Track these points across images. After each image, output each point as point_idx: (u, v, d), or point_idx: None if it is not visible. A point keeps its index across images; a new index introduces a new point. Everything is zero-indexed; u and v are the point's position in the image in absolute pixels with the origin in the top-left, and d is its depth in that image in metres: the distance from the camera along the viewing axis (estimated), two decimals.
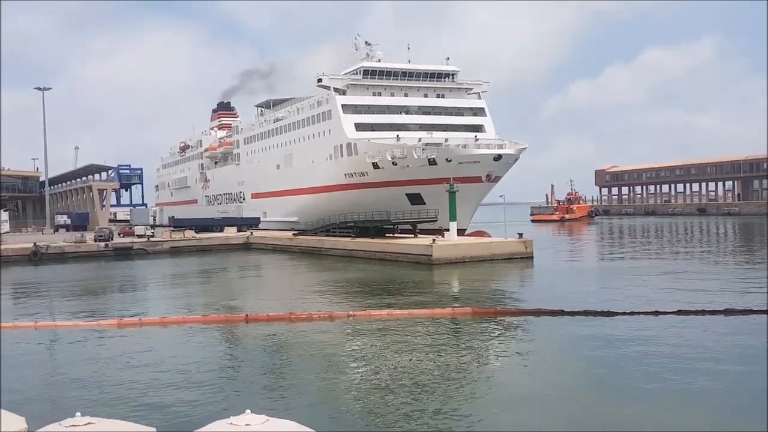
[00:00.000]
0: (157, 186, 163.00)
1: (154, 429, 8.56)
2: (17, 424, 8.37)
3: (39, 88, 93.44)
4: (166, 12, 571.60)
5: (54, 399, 17.34)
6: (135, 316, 29.71)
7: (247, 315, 28.48)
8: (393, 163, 67.37)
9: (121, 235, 79.23)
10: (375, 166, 69.59)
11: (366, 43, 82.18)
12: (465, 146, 66.10)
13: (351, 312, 28.71)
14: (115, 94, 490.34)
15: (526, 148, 68.53)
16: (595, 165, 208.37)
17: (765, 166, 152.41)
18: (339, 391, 17.68)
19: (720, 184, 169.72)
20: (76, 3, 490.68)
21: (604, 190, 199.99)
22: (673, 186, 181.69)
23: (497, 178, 66.46)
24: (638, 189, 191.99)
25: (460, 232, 62.43)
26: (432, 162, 64.68)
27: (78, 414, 8.11)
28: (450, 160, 63.78)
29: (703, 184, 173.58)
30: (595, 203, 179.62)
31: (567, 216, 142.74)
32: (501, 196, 67.19)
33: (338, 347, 23.23)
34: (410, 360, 20.50)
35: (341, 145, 74.60)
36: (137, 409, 15.83)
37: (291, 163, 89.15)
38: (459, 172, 62.75)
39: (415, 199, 67.10)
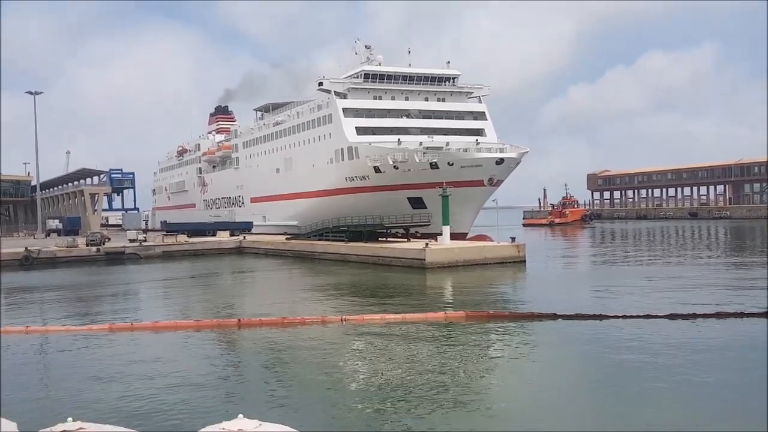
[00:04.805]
0: (154, 190, 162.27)
1: None
2: (8, 429, 8.33)
3: (31, 92, 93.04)
4: (164, 17, 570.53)
5: (45, 404, 17.23)
6: (127, 320, 29.60)
7: (239, 320, 28.38)
8: (394, 166, 67.31)
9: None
10: (376, 169, 69.43)
11: (366, 47, 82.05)
12: (466, 150, 66.23)
13: (344, 316, 28.66)
14: (112, 98, 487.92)
15: (527, 151, 68.80)
16: (591, 170, 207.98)
17: (756, 170, 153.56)
18: (332, 396, 17.63)
19: (711, 188, 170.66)
20: (73, 6, 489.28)
21: (596, 194, 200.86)
22: (664, 190, 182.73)
23: (499, 182, 66.53)
24: (630, 193, 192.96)
25: (462, 236, 62.53)
26: (434, 166, 64.72)
27: (69, 419, 8.08)
28: (452, 164, 63.85)
29: (695, 188, 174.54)
30: (588, 207, 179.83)
31: (558, 220, 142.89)
32: (494, 200, 67.47)
33: (331, 352, 23.18)
34: (404, 364, 20.48)
35: (342, 149, 74.36)
36: (128, 414, 15.75)
37: (291, 167, 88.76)
38: (461, 175, 62.89)
39: (417, 203, 67.01)
